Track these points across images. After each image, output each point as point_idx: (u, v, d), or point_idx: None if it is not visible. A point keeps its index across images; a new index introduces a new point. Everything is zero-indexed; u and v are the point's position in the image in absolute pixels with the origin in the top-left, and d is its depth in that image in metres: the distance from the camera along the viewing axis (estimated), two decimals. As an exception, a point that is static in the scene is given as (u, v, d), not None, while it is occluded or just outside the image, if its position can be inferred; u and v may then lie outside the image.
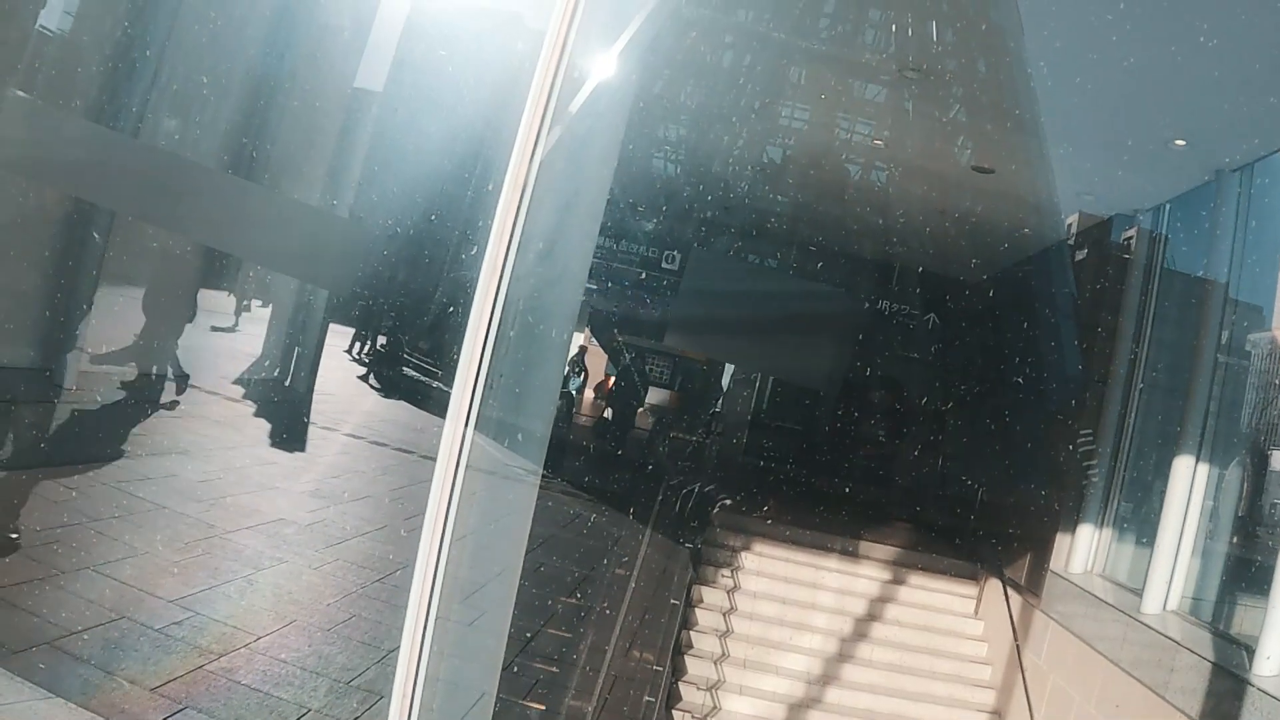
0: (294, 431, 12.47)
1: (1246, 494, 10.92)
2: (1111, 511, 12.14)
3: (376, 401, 16.68)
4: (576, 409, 20.48)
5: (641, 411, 20.71)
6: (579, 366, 20.79)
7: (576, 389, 20.79)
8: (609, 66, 5.10)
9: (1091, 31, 9.03)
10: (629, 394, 20.18)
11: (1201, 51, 8.61)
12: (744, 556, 13.93)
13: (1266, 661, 8.45)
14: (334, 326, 15.03)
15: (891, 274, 18.68)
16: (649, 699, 10.76)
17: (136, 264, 10.86)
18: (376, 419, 15.40)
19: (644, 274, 18.52)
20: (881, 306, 18.58)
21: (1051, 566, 12.49)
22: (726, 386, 20.47)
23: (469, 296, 4.24)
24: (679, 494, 14.57)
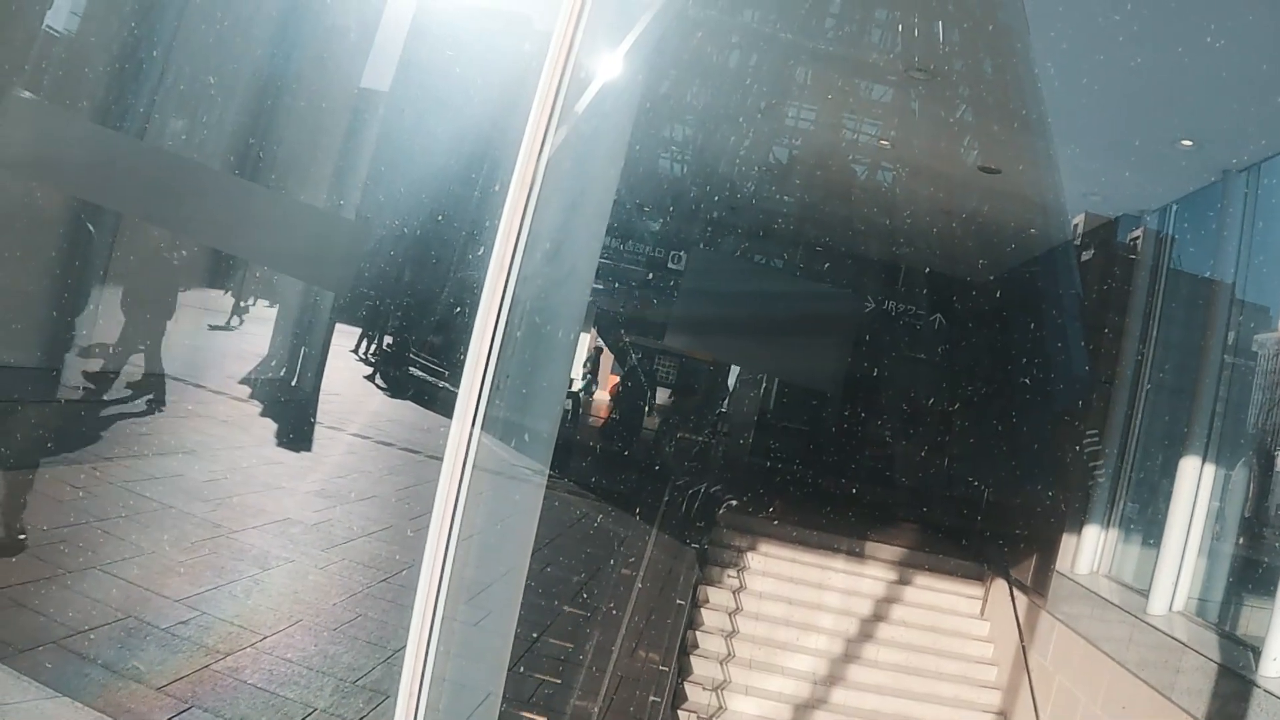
0: (300, 431, 12.50)
1: (1253, 495, 10.89)
2: (1118, 512, 12.12)
3: (383, 401, 16.71)
4: (583, 409, 20.48)
5: (648, 411, 20.69)
6: (594, 369, 20.82)
7: (591, 392, 20.83)
8: (615, 67, 5.09)
9: (1098, 32, 9.03)
10: (635, 394, 20.16)
11: (1208, 52, 8.59)
12: (750, 557, 13.92)
13: (1273, 663, 8.42)
14: (341, 326, 15.07)
15: (898, 274, 18.68)
16: (654, 699, 10.74)
17: (139, 263, 10.88)
18: (383, 419, 15.43)
19: (651, 274, 18.55)
20: (887, 307, 18.58)
21: (1057, 567, 12.47)
22: (733, 387, 20.46)
23: (475, 296, 4.23)
24: (685, 494, 14.56)
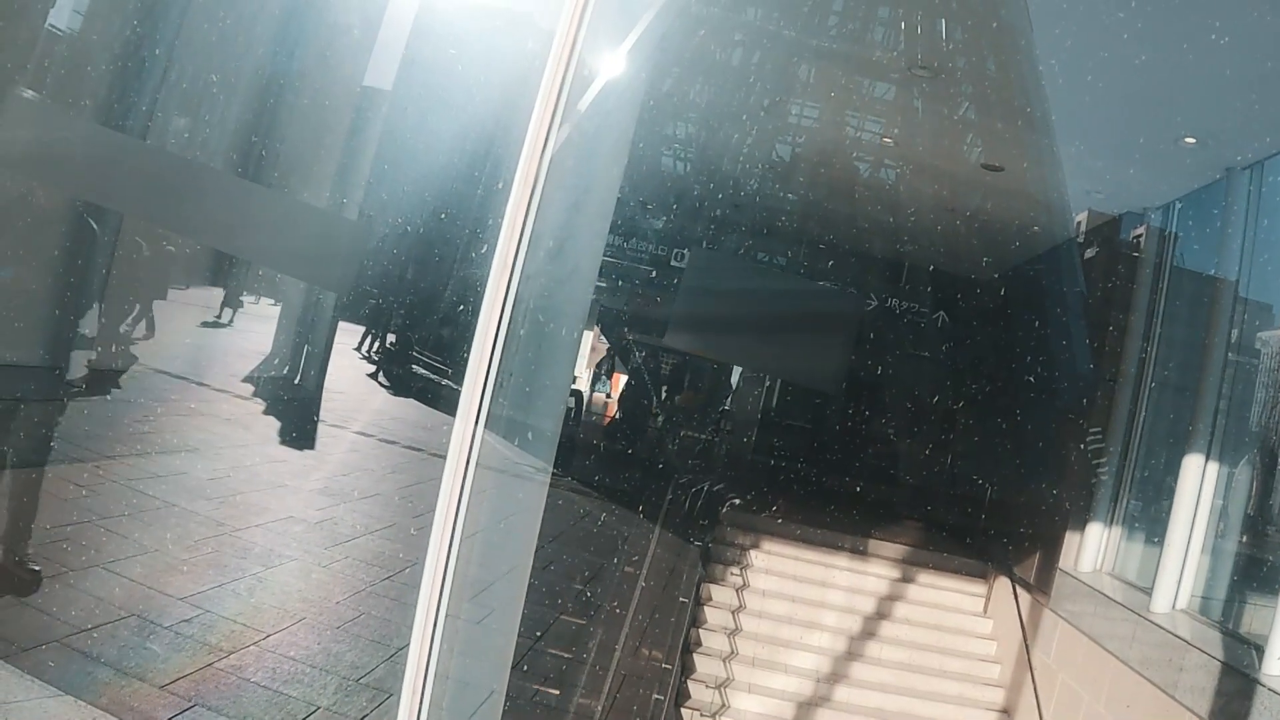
0: (303, 429, 12.50)
1: (1256, 492, 10.90)
2: (1121, 510, 12.12)
3: (386, 399, 16.71)
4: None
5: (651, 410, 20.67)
6: (609, 370, 20.79)
7: (604, 393, 20.79)
8: (618, 65, 5.09)
9: (1101, 29, 9.02)
10: (639, 392, 20.15)
11: (1212, 49, 8.58)
12: (753, 554, 13.92)
13: (1276, 661, 8.42)
14: (344, 325, 15.07)
15: (901, 272, 18.67)
16: (658, 697, 10.76)
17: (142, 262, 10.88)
18: (386, 417, 15.43)
19: (654, 272, 18.55)
20: (891, 305, 18.57)
21: (1061, 565, 12.47)
22: (736, 385, 20.43)
23: (478, 294, 4.23)
24: (688, 492, 14.56)
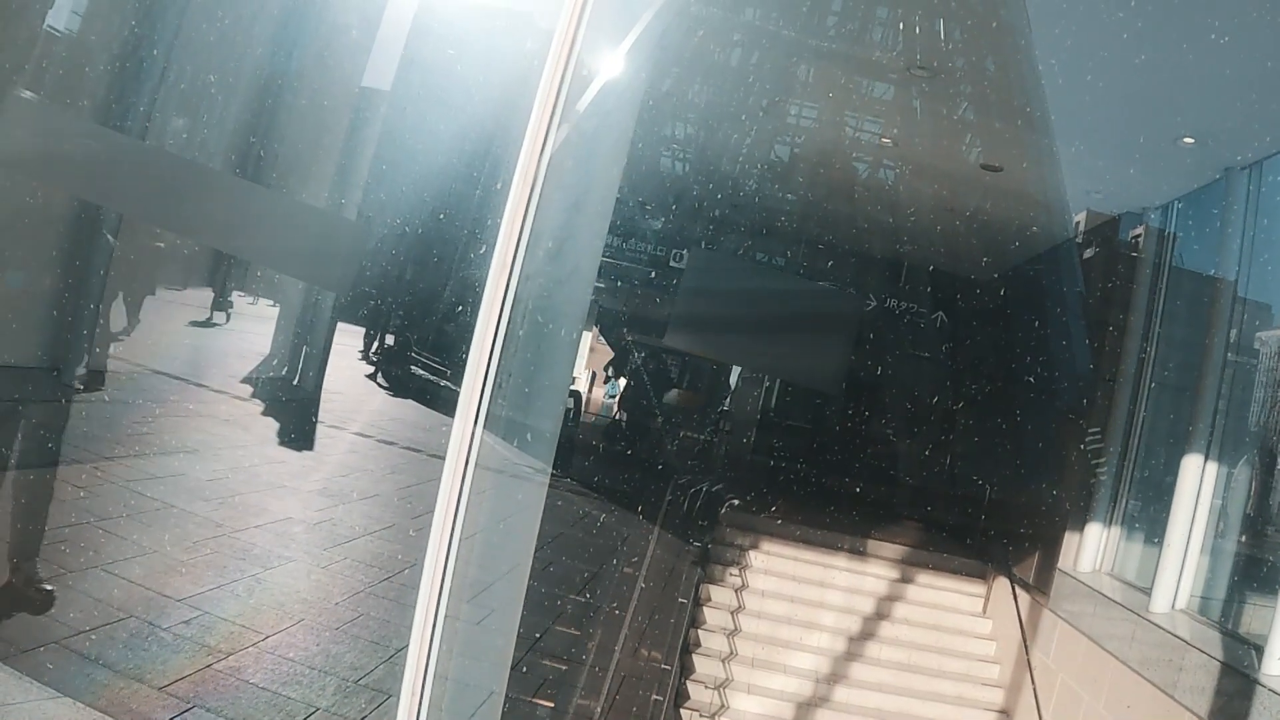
0: (302, 430, 12.49)
1: (1256, 492, 10.90)
2: (1120, 510, 12.11)
3: (385, 400, 16.69)
4: (586, 408, 20.46)
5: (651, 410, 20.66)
6: (617, 372, 20.79)
7: (614, 396, 20.79)
8: (617, 65, 5.09)
9: (1100, 29, 9.02)
10: (638, 393, 20.14)
11: (1211, 49, 8.58)
12: (752, 555, 13.92)
13: (1276, 661, 8.41)
14: (345, 326, 15.06)
15: (900, 272, 18.65)
16: (657, 697, 10.75)
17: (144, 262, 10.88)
18: (385, 418, 15.42)
19: (653, 273, 18.54)
20: (890, 305, 18.56)
21: (1060, 565, 12.47)
22: (735, 385, 20.43)
23: (477, 295, 4.22)
24: (687, 493, 14.55)
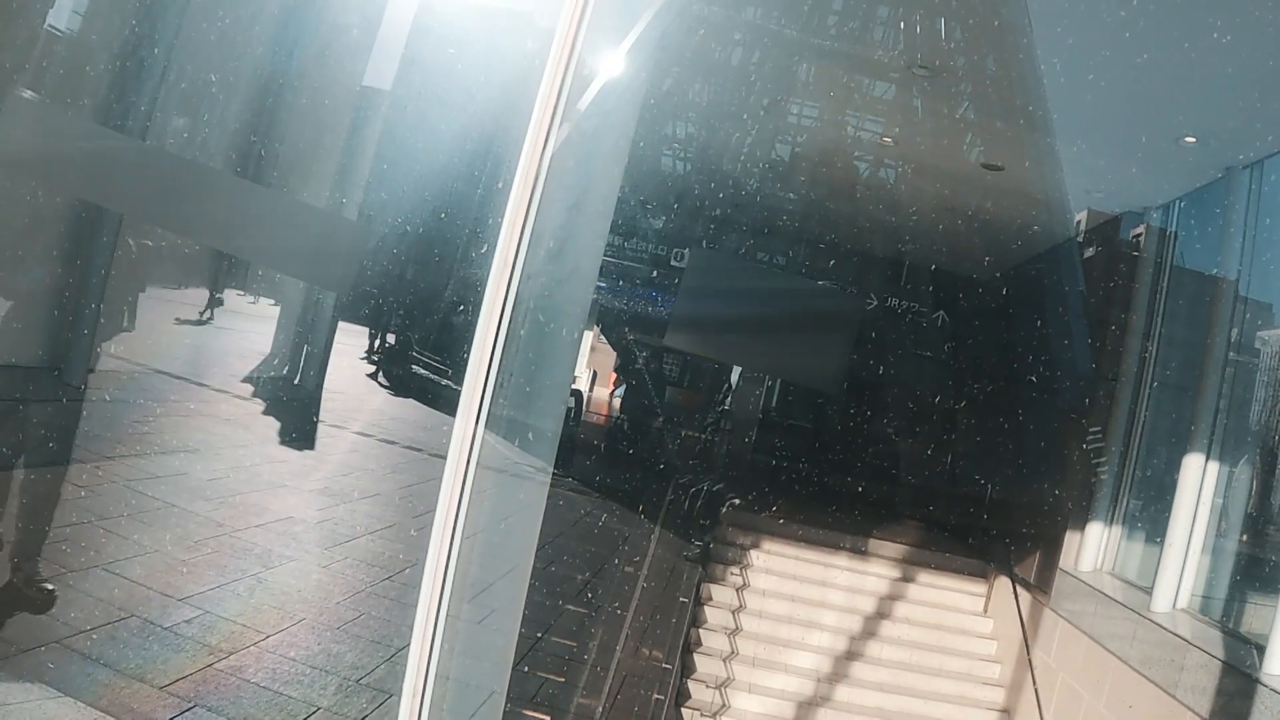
0: (303, 430, 12.48)
1: (1257, 491, 10.89)
2: (1121, 509, 12.11)
3: (386, 399, 16.68)
4: (587, 408, 20.44)
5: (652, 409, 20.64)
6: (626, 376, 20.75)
7: (622, 396, 20.76)
8: (618, 64, 5.08)
9: (1102, 28, 9.01)
10: (640, 392, 20.12)
11: (1213, 48, 8.58)
12: (753, 554, 13.91)
13: (1277, 660, 8.41)
14: (346, 325, 15.04)
15: (901, 272, 18.64)
16: (658, 697, 10.75)
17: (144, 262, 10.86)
18: (386, 417, 15.41)
19: (654, 272, 18.54)
20: (891, 304, 18.55)
21: (1061, 564, 12.46)
22: (736, 384, 20.41)
23: (479, 295, 4.21)
24: (688, 492, 14.55)
